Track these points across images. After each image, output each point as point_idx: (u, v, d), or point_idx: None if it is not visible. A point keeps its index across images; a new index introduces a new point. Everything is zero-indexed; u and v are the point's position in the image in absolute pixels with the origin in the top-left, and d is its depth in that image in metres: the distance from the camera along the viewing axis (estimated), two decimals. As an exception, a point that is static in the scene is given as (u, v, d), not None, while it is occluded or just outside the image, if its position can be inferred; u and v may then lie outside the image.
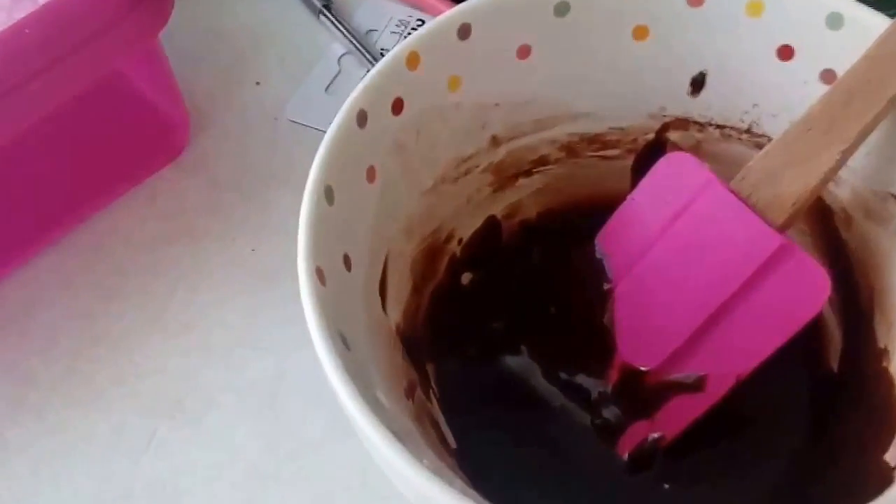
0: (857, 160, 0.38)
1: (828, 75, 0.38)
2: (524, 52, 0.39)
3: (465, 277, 0.43)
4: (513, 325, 0.42)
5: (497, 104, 0.40)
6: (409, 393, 0.36)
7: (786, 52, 0.39)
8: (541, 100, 0.40)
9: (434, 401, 0.38)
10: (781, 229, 0.36)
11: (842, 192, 0.39)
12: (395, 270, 0.37)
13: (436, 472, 0.27)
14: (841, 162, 0.35)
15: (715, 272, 0.37)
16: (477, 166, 0.41)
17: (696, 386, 0.38)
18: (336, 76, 0.54)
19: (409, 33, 0.55)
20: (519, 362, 0.41)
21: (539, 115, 0.41)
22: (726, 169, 0.41)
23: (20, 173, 0.48)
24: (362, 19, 0.56)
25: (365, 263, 0.35)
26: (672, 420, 0.38)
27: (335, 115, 0.33)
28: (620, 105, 0.41)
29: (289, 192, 0.48)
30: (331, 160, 0.33)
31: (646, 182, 0.40)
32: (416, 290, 0.39)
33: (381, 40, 0.56)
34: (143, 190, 0.51)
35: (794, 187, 0.36)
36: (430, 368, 0.39)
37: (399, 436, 0.28)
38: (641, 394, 0.38)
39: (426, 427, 0.35)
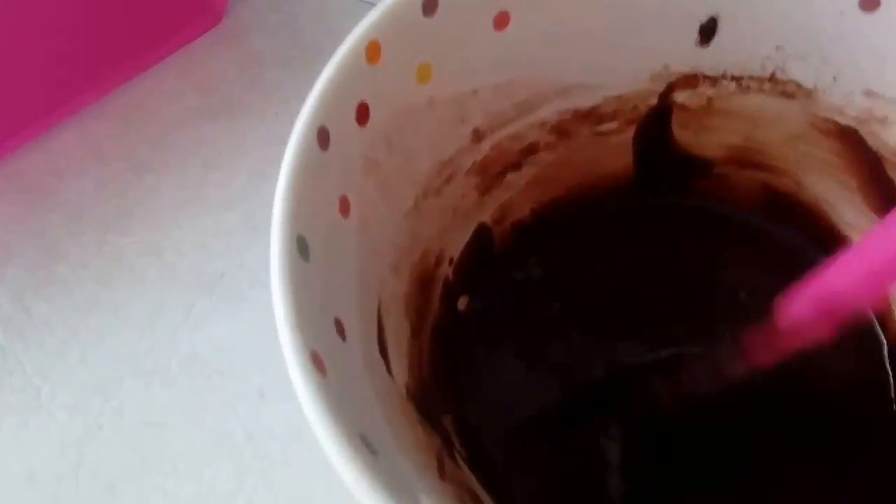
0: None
1: (868, 2, 0.31)
2: (502, 20, 0.31)
3: (462, 302, 0.35)
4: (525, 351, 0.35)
5: (475, 90, 0.32)
6: (441, 471, 0.28)
7: (817, -20, 0.31)
8: (524, 76, 0.33)
9: (462, 463, 0.31)
10: None
11: (893, 135, 0.33)
12: (391, 319, 0.29)
13: None
14: None
15: None
16: (460, 169, 0.33)
17: None
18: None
19: None
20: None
21: (524, 96, 0.33)
22: (744, 125, 0.35)
23: (42, 32, 0.42)
24: None
25: (358, 324, 0.27)
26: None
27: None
28: (616, 69, 0.34)
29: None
30: (298, 201, 0.25)
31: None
32: (415, 332, 0.31)
33: None
34: (176, 61, 0.47)
35: None
36: (447, 423, 0.32)
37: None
38: None
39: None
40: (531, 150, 0.35)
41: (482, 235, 0.35)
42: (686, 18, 0.33)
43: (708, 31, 0.33)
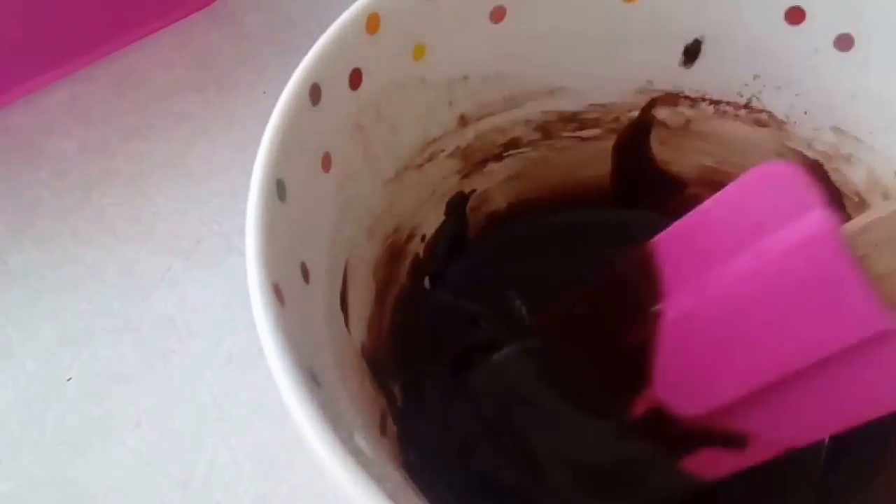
0: (876, 137, 0.31)
1: (843, 42, 0.31)
2: (498, 13, 0.31)
3: (430, 281, 0.35)
4: (487, 340, 0.34)
5: (466, 77, 0.32)
6: (383, 428, 0.28)
7: (796, 15, 0.31)
8: (514, 71, 0.33)
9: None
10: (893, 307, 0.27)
11: (855, 174, 0.33)
12: (356, 279, 0.29)
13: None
14: None
15: (796, 331, 0.27)
16: (443, 150, 0.33)
17: (736, 443, 0.29)
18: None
19: None
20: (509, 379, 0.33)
21: (512, 90, 0.33)
22: (717, 149, 0.35)
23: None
24: None
25: (324, 273, 0.27)
26: (699, 468, 0.30)
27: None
28: (603, 78, 0.34)
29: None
30: (281, 146, 0.25)
31: (732, 191, 0.30)
32: (379, 298, 0.31)
33: None
34: (169, 35, 0.47)
35: None
36: (395, 389, 0.31)
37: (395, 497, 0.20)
38: (669, 436, 0.30)
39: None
40: (514, 144, 0.35)
41: (457, 220, 0.35)
42: (673, 38, 0.33)
43: (692, 53, 0.33)
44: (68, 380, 0.37)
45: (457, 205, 0.35)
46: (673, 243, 0.31)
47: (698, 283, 0.29)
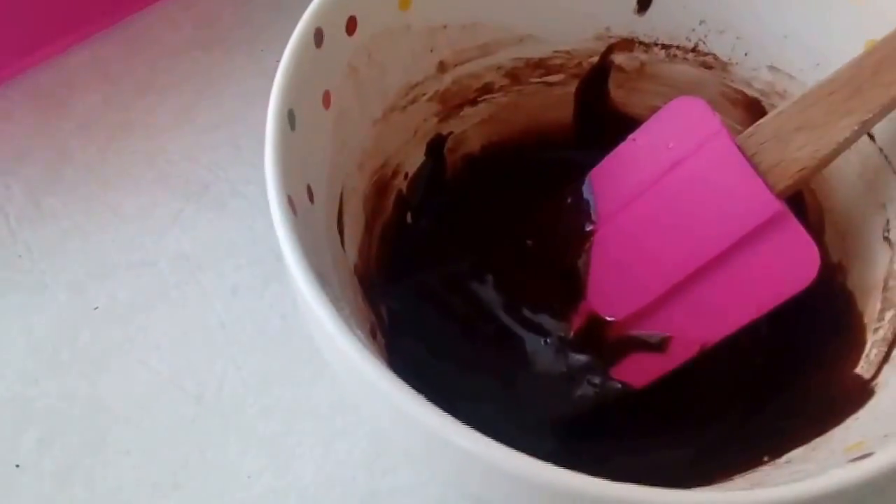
0: (807, 73, 0.35)
1: (774, -13, 0.35)
2: (472, -32, 0.34)
3: (412, 216, 0.38)
4: (466, 266, 0.37)
5: (445, 26, 0.35)
6: (373, 336, 0.31)
7: (736, -37, 0.35)
8: (487, 21, 0.36)
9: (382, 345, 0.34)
10: (781, 195, 0.31)
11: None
12: (350, 208, 0.33)
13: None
14: (859, 133, 0.31)
15: (703, 229, 0.32)
16: (424, 94, 0.36)
17: (658, 346, 0.34)
18: None
19: None
20: (476, 299, 0.37)
21: (485, 39, 0.36)
22: (671, 91, 0.38)
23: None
24: None
25: (324, 197, 0.30)
26: (630, 375, 0.34)
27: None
28: (565, 26, 0.37)
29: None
30: (292, 81, 0.28)
31: (650, 123, 0.35)
32: (368, 228, 0.35)
33: None
34: (179, 0, 0.50)
35: (802, 153, 0.31)
36: (383, 311, 0.35)
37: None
38: (601, 344, 0.34)
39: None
40: (487, 89, 0.38)
41: (436, 160, 0.38)
42: (628, -14, 0.36)
43: (645, 1, 0.36)
44: (95, 308, 0.40)
45: (436, 146, 0.38)
46: (605, 172, 0.35)
47: (623, 201, 0.34)
